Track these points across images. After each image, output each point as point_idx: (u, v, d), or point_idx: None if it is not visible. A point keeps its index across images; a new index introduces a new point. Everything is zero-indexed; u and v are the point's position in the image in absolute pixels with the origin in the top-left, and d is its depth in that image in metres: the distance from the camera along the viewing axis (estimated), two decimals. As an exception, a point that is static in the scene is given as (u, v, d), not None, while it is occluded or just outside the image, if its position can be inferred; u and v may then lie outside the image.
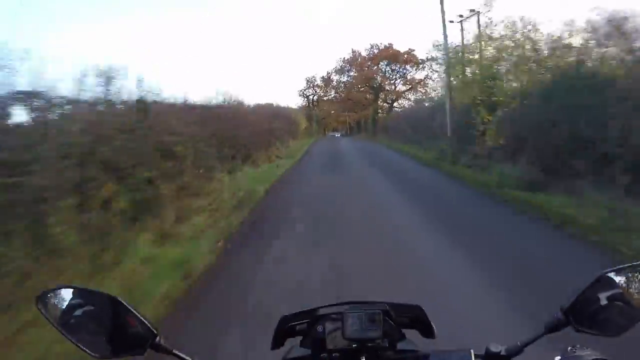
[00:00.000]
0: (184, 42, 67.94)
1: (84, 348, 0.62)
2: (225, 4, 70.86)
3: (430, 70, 39.27)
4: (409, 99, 40.38)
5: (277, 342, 0.80)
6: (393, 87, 42.70)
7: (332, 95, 49.28)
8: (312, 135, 42.07)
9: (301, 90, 52.01)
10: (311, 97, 51.97)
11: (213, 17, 70.48)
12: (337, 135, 56.12)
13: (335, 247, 4.28)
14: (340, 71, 46.73)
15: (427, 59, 34.80)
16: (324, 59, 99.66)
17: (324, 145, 27.98)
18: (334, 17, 72.39)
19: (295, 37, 73.37)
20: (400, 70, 41.69)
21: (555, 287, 1.80)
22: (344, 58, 45.49)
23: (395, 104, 42.28)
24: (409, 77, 41.31)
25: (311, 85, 51.10)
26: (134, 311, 0.66)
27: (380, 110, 42.68)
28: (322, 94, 50.56)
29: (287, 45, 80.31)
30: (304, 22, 74.96)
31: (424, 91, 37.55)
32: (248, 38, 75.40)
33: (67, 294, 0.67)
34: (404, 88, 42.04)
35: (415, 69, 40.45)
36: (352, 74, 45.32)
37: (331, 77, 48.00)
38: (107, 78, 4.98)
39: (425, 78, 38.74)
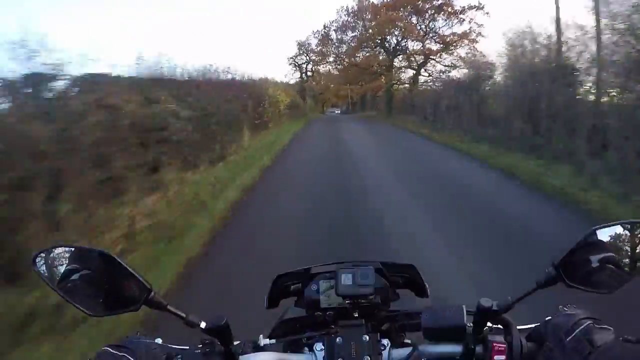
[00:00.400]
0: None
1: (79, 306, 0.62)
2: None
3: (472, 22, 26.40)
4: (443, 64, 27.74)
5: (272, 303, 0.84)
6: (420, 45, 29.16)
7: (331, 60, 36.71)
8: (305, 114, 29.37)
9: (292, 57, 39.74)
10: (305, 65, 40.26)
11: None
12: (337, 112, 47.98)
13: None
14: (342, 29, 33.92)
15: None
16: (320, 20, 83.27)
17: (319, 137, 15.67)
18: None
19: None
20: (431, 17, 28.22)
21: None
22: (348, 8, 32.92)
23: (422, 71, 29.62)
24: (445, 32, 28.20)
25: (304, 51, 38.76)
26: (128, 267, 0.64)
27: (396, 82, 30.61)
28: (318, 59, 38.24)
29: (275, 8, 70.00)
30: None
31: (468, 53, 25.67)
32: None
33: (61, 253, 0.67)
34: (435, 47, 28.83)
35: (455, 20, 27.56)
36: (357, 32, 32.60)
37: (329, 34, 35.47)
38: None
39: (469, 32, 26.76)
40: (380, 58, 31.19)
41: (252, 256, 3.47)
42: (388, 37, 30.06)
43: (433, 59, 28.83)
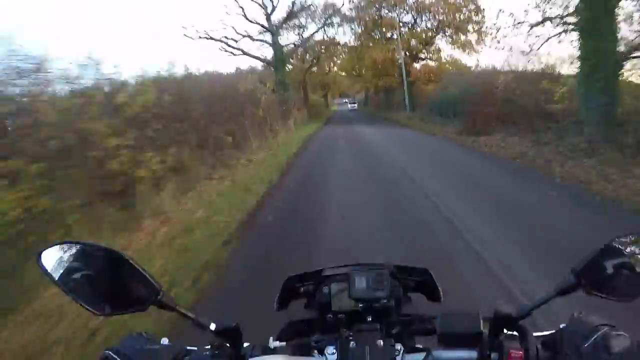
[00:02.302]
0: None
1: (85, 305, 0.60)
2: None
3: None
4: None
5: (282, 304, 0.82)
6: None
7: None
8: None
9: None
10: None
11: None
12: (352, 105, 29.78)
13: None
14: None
15: None
16: None
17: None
18: None
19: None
20: None
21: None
22: None
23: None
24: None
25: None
26: (137, 266, 0.63)
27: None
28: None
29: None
30: None
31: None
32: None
33: (68, 250, 0.64)
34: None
35: None
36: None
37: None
38: None
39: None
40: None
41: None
42: None
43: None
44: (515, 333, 0.66)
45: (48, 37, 35.54)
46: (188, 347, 0.66)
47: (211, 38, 18.94)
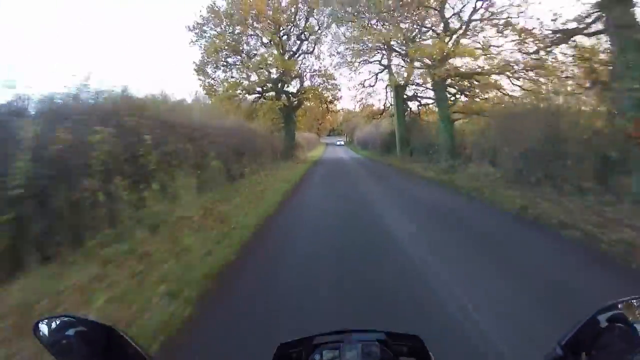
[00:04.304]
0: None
1: None
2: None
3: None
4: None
5: None
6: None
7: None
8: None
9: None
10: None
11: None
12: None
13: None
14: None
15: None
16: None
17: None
18: None
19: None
20: None
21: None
22: None
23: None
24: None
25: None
26: (128, 339, 0.67)
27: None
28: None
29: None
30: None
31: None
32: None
33: (62, 322, 0.68)
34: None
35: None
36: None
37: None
38: None
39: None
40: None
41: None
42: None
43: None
44: None
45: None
46: None
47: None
